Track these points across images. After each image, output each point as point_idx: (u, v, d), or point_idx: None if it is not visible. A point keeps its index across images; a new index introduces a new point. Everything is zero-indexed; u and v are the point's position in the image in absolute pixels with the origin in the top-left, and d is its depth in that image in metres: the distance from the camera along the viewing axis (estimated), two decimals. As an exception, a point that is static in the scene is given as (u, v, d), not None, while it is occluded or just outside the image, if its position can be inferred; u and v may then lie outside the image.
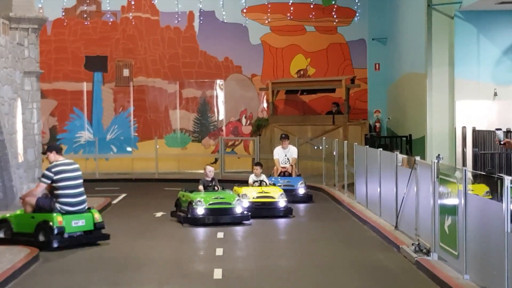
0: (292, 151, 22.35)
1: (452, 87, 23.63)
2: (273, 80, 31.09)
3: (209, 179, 18.52)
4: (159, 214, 19.73)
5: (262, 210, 18.67)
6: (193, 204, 17.54)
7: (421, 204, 13.75)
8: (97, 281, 12.09)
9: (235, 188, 19.46)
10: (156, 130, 32.09)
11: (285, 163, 22.43)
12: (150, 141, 31.35)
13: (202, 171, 30.77)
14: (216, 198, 17.84)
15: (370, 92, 30.66)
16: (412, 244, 13.68)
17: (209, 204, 17.64)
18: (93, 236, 15.28)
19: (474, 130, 21.77)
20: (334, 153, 23.74)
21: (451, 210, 11.82)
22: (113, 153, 32.02)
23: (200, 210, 17.48)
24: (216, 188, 18.31)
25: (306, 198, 21.59)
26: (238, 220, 17.63)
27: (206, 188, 18.28)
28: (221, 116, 32.42)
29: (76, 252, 14.65)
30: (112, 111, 32.33)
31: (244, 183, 27.05)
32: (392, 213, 16.10)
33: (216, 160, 31.15)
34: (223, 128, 32.34)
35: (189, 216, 17.62)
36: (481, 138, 20.96)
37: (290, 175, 22.11)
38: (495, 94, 22.96)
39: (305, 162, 26.52)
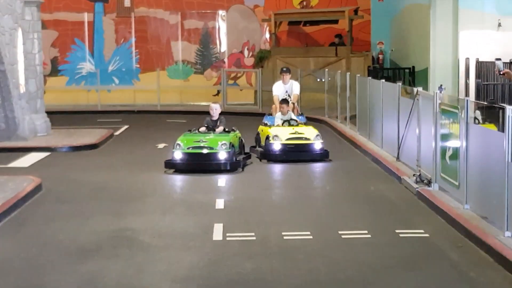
0: (294, 87, 19.39)
1: (456, 17, 23.45)
2: (275, 11, 30.89)
3: (215, 118, 16.60)
4: (161, 146, 19.81)
5: (297, 154, 16.88)
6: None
7: (423, 135, 13.79)
8: (100, 211, 12.22)
9: (261, 127, 17.89)
10: (158, 61, 31.99)
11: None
12: (152, 73, 31.30)
13: (204, 104, 31.26)
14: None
15: (373, 23, 30.42)
16: (414, 175, 13.78)
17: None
18: None
19: (477, 61, 21.70)
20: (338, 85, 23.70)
21: (453, 141, 11.86)
22: (115, 84, 32.00)
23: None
24: (219, 129, 16.36)
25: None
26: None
27: (208, 128, 16.38)
28: (223, 48, 32.29)
29: (80, 182, 14.78)
30: (113, 42, 32.21)
31: (247, 115, 27.28)
32: (394, 144, 16.16)
33: (218, 92, 31.15)
34: (225, 60, 32.25)
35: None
36: (484, 69, 20.91)
37: None
38: (499, 25, 22.80)
39: (308, 94, 26.46)
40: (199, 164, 15.37)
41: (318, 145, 16.91)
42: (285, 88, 19.13)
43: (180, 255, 9.69)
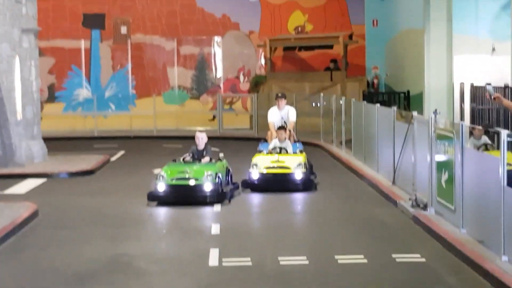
0: (290, 113, 18.31)
1: (450, 42, 23.53)
2: (270, 37, 30.97)
3: (201, 147, 15.54)
4: (157, 171, 19.71)
5: (276, 183, 15.96)
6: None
7: (418, 159, 13.76)
8: (96, 237, 12.14)
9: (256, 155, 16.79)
10: (154, 87, 32.02)
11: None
12: (148, 99, 31.30)
13: (200, 128, 31.27)
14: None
15: (368, 48, 30.52)
16: (409, 199, 13.72)
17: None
18: None
19: (472, 86, 21.73)
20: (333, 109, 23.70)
21: (448, 165, 11.84)
22: (111, 110, 31.99)
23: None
24: (205, 159, 15.33)
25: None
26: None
27: (194, 157, 15.44)
28: (219, 73, 32.33)
29: (76, 208, 14.71)
30: (110, 68, 32.24)
31: (242, 140, 27.27)
32: (390, 168, 16.12)
33: (214, 117, 31.14)
34: (221, 85, 32.28)
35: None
36: (479, 93, 20.92)
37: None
38: (493, 49, 22.87)
39: (303, 118, 26.47)
40: (184, 196, 14.41)
41: (298, 174, 15.87)
42: (281, 114, 18.18)
43: (176, 281, 9.61)
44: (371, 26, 30.45)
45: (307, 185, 16.03)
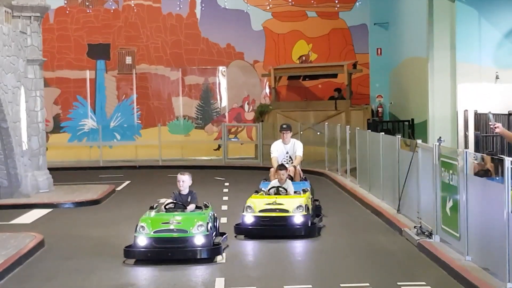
0: (296, 147, 16.54)
1: (454, 70, 23.58)
2: (275, 66, 31.13)
3: (185, 192, 13.07)
4: (163, 200, 19.70)
5: (271, 228, 13.96)
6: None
7: (423, 187, 13.78)
8: (102, 267, 12.16)
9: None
10: (159, 117, 32.12)
11: (286, 163, 16.30)
12: (153, 128, 31.39)
13: (205, 158, 31.35)
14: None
15: (372, 77, 30.64)
16: (414, 227, 13.74)
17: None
18: None
19: (476, 113, 21.78)
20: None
21: (453, 192, 11.86)
22: (116, 140, 32.08)
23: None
24: (190, 206, 12.85)
25: (314, 210, 15.37)
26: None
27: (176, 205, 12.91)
28: (224, 103, 32.45)
29: (82, 238, 14.73)
30: (115, 98, 32.38)
31: (247, 169, 27.32)
32: (395, 196, 16.15)
33: (219, 146, 31.21)
34: (226, 114, 32.38)
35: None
36: (483, 121, 20.96)
37: (292, 179, 15.78)
38: (497, 77, 22.91)
39: (308, 147, 26.50)
40: (169, 252, 12.08)
41: (298, 218, 13.93)
42: (286, 148, 16.52)
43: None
44: (375, 55, 30.58)
45: (309, 230, 14.03)
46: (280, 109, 29.91)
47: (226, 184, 23.20)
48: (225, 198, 19.79)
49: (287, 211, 14.02)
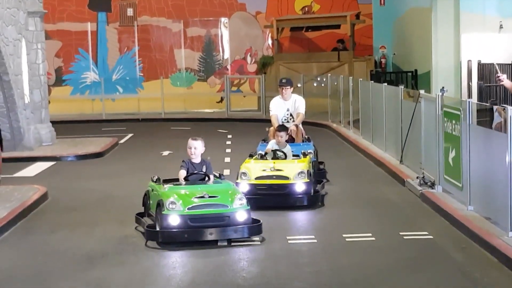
0: (298, 104, 15.08)
1: (458, 20, 23.45)
2: (277, 17, 30.98)
3: (197, 161, 11.15)
4: (166, 153, 19.85)
5: (270, 197, 12.44)
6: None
7: (426, 137, 13.80)
8: (105, 219, 12.23)
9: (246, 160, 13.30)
10: (162, 70, 32.06)
11: (287, 121, 15.03)
12: (155, 81, 31.33)
13: (208, 110, 31.35)
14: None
15: (375, 27, 30.47)
16: (417, 177, 13.78)
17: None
18: None
19: (479, 64, 21.70)
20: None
21: (455, 143, 11.88)
22: (119, 93, 32.07)
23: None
24: (206, 178, 11.00)
25: (317, 175, 14.08)
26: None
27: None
28: (226, 55, 32.35)
29: (85, 191, 14.80)
30: (117, 51, 32.29)
31: (250, 121, 27.32)
32: (397, 147, 16.18)
33: (222, 99, 31.18)
34: (228, 66, 32.30)
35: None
36: (486, 71, 20.90)
37: (293, 140, 14.59)
38: (501, 27, 22.79)
39: (311, 99, 26.52)
40: (211, 230, 10.22)
41: (300, 186, 12.41)
42: (286, 105, 15.05)
43: (185, 260, 9.70)
44: (378, 5, 30.35)
45: (312, 199, 12.60)
46: (283, 61, 29.83)
47: (229, 136, 23.23)
48: (228, 150, 19.83)
49: (287, 178, 12.48)
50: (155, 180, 11.25)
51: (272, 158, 13.02)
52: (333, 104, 25.13)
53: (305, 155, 13.39)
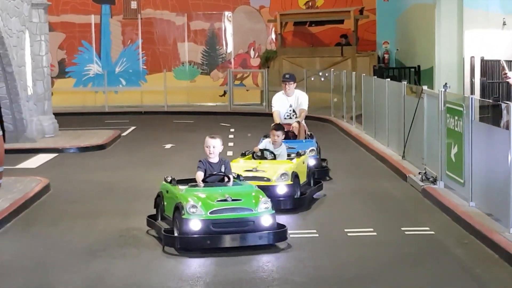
0: (301, 100, 14.80)
1: (461, 17, 23.43)
2: (281, 12, 30.96)
3: (215, 160, 10.43)
4: (168, 146, 19.85)
5: None
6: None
7: (428, 133, 13.79)
8: (107, 211, 12.24)
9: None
10: (165, 63, 32.06)
11: (290, 118, 14.85)
12: (158, 74, 31.35)
13: (211, 104, 31.36)
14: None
15: (378, 23, 30.41)
16: (419, 173, 13.78)
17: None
18: None
19: (482, 60, 21.68)
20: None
21: (458, 139, 11.88)
22: (122, 86, 32.08)
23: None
24: (226, 179, 10.31)
25: (319, 173, 13.97)
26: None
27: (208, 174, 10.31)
28: (230, 49, 32.34)
29: (87, 182, 14.81)
30: (120, 44, 32.30)
31: (253, 115, 27.32)
32: (400, 143, 16.17)
33: (224, 92, 31.19)
34: (232, 60, 32.29)
35: None
36: (489, 67, 20.88)
37: (295, 136, 14.50)
38: (504, 24, 22.75)
39: (314, 93, 26.50)
40: (234, 235, 9.55)
41: (281, 188, 11.61)
42: (289, 101, 14.78)
43: (187, 254, 9.69)
44: (382, 1, 30.30)
45: (296, 202, 11.85)
46: (286, 55, 29.81)
47: (232, 130, 23.22)
48: (231, 144, 19.82)
49: (268, 179, 11.78)
50: (169, 180, 10.44)
51: (260, 158, 12.51)
52: (336, 99, 25.11)
53: (299, 155, 12.83)
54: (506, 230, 9.74)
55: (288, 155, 12.88)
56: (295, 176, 11.96)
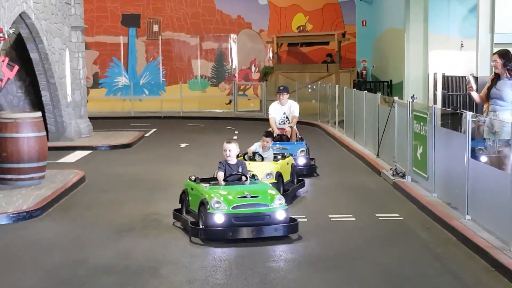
0: (293, 108, 14.80)
1: (426, 39, 23.44)
2: (277, 35, 30.93)
3: (233, 162, 10.16)
4: (183, 145, 19.83)
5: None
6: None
7: (398, 136, 13.77)
8: (133, 198, 12.23)
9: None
10: (181, 76, 32.04)
11: (283, 123, 14.92)
12: (175, 85, 31.33)
13: (219, 110, 31.36)
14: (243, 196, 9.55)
15: (358, 44, 30.43)
16: (391, 169, 13.75)
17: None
18: None
19: (443, 76, 21.67)
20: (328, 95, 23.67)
21: (423, 141, 11.86)
22: (145, 95, 32.05)
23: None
24: (244, 178, 9.98)
25: (308, 170, 14.10)
26: (280, 233, 9.31)
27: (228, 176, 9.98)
28: (234, 65, 32.32)
29: (116, 175, 14.78)
30: (144, 60, 32.27)
31: (253, 120, 27.28)
32: (375, 144, 16.14)
33: (230, 101, 31.17)
34: (236, 74, 32.27)
35: None
36: (449, 82, 20.87)
37: (288, 139, 14.57)
38: (462, 46, 22.77)
39: (304, 102, 26.51)
40: (254, 228, 9.12)
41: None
42: (283, 109, 14.78)
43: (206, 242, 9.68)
44: (361, 26, 30.34)
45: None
46: (281, 71, 29.79)
47: (236, 132, 23.20)
48: (235, 143, 19.77)
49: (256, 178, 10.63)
50: (193, 179, 10.11)
51: (250, 160, 12.20)
52: (322, 107, 25.08)
53: (284, 157, 12.44)
54: (462, 216, 9.73)
55: (275, 156, 12.52)
56: (279, 175, 11.70)
